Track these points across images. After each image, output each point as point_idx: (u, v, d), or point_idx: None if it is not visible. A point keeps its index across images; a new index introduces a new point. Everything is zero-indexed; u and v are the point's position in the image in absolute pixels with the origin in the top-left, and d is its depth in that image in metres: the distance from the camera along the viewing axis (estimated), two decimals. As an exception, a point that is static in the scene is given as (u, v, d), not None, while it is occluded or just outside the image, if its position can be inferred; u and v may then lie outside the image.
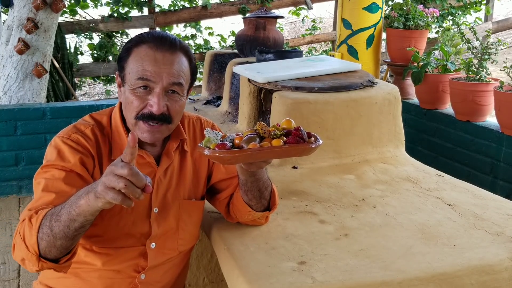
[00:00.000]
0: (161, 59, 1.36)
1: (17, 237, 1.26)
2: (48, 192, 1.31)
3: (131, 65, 1.38)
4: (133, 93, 1.37)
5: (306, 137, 1.30)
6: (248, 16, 3.37)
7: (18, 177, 3.78)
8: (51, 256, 1.24)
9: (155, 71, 1.35)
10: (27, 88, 4.24)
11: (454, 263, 1.43)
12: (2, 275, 2.82)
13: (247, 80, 2.47)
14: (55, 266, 1.26)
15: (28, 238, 1.22)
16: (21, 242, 1.24)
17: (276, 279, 1.33)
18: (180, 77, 1.39)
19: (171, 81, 1.37)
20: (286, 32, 9.60)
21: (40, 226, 1.21)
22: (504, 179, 3.04)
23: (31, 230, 1.22)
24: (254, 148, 1.26)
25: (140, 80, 1.36)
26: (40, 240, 1.21)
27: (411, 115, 3.71)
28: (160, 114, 1.37)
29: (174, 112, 1.40)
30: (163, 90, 1.37)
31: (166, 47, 1.38)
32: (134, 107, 1.37)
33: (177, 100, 1.40)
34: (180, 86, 1.40)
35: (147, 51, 1.37)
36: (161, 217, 1.48)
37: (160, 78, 1.36)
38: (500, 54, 6.95)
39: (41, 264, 1.24)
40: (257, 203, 1.51)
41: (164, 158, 1.49)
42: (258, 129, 1.32)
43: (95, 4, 6.19)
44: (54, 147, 1.39)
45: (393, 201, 1.86)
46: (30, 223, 1.23)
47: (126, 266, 1.46)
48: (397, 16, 3.72)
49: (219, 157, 1.27)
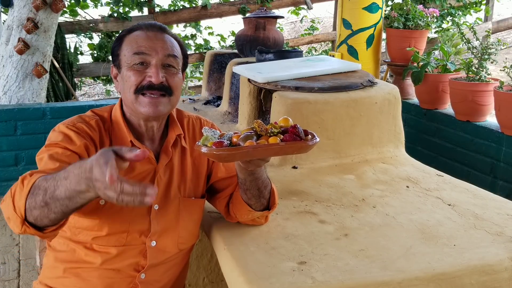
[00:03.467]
0: (153, 36, 1.44)
1: (8, 193, 1.23)
2: (52, 160, 1.30)
3: (124, 48, 1.44)
4: (131, 69, 1.42)
5: (303, 135, 1.31)
6: (248, 16, 3.37)
7: (18, 177, 3.75)
8: (41, 225, 1.20)
9: (149, 45, 1.42)
10: (27, 88, 4.24)
11: (454, 263, 1.43)
12: (2, 275, 2.82)
13: (247, 80, 2.47)
14: (38, 234, 1.22)
15: (17, 199, 1.19)
16: (9, 201, 1.21)
17: (276, 279, 1.33)
18: (174, 50, 1.45)
19: (166, 53, 1.43)
20: (286, 32, 9.60)
21: (32, 192, 1.17)
22: (504, 179, 3.04)
23: (21, 192, 1.19)
24: (251, 146, 1.26)
25: (136, 55, 1.41)
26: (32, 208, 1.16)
27: (411, 115, 3.71)
28: (159, 83, 1.40)
29: (174, 84, 1.44)
30: (159, 62, 1.42)
31: (156, 29, 1.46)
32: (133, 82, 1.41)
33: (174, 73, 1.45)
34: (175, 58, 1.45)
35: (138, 33, 1.45)
36: (161, 214, 1.49)
37: (155, 52, 1.41)
38: (500, 54, 6.95)
39: (24, 228, 1.20)
40: (256, 202, 1.51)
41: (163, 155, 1.51)
42: (255, 127, 1.33)
43: (95, 4, 6.19)
44: (59, 132, 1.40)
45: (393, 201, 1.86)
46: (22, 184, 1.20)
47: (126, 265, 1.46)
48: (397, 16, 3.72)
49: (216, 155, 1.28)
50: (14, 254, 3.03)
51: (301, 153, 1.34)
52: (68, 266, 1.46)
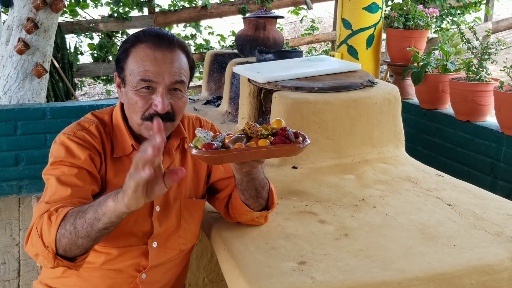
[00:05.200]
0: (161, 58, 1.37)
1: (33, 232, 1.25)
2: (63, 186, 1.31)
3: (131, 66, 1.38)
4: (137, 94, 1.38)
5: (292, 137, 1.30)
6: (248, 16, 3.37)
7: (18, 177, 3.78)
8: (70, 255, 1.24)
9: (156, 71, 1.36)
10: (27, 88, 4.24)
11: (454, 263, 1.43)
12: (2, 275, 2.82)
13: (247, 80, 2.47)
14: (70, 265, 1.26)
15: (46, 235, 1.22)
16: (37, 239, 1.24)
17: (276, 279, 1.33)
18: (181, 75, 1.40)
19: (173, 80, 1.38)
20: (286, 32, 9.60)
21: (62, 224, 1.21)
22: (504, 179, 3.04)
23: (50, 227, 1.21)
24: (239, 148, 1.26)
25: (143, 82, 1.36)
26: (61, 237, 1.20)
27: (411, 115, 3.71)
28: (165, 113, 1.38)
29: (178, 109, 1.42)
30: (166, 89, 1.38)
31: (165, 45, 1.38)
32: (139, 108, 1.38)
33: (180, 97, 1.42)
34: (182, 83, 1.41)
35: (146, 51, 1.37)
36: (163, 216, 1.49)
37: (162, 78, 1.36)
38: (500, 54, 6.95)
39: (56, 262, 1.23)
40: (254, 203, 1.51)
41: (166, 157, 1.50)
42: (246, 129, 1.33)
43: (95, 4, 6.19)
44: (60, 144, 1.39)
45: (393, 201, 1.86)
46: (49, 220, 1.23)
47: (127, 266, 1.46)
48: (397, 16, 3.72)
49: (205, 157, 1.28)
50: (14, 254, 3.03)
51: (291, 155, 1.34)
52: (69, 266, 1.46)
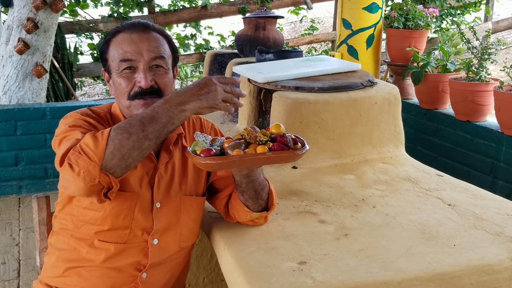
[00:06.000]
0: (138, 39, 1.43)
1: (72, 153, 1.23)
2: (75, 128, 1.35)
3: (111, 53, 1.44)
4: (120, 76, 1.43)
5: (291, 144, 1.30)
6: (248, 16, 3.37)
7: (18, 177, 3.78)
8: (116, 164, 1.23)
9: (134, 50, 1.42)
10: (27, 88, 4.24)
11: (454, 263, 1.43)
12: (2, 275, 2.82)
13: (247, 80, 2.47)
14: (112, 181, 1.25)
15: (93, 148, 1.22)
16: (79, 156, 1.22)
17: (276, 279, 1.33)
18: (160, 51, 1.45)
19: (152, 56, 1.43)
20: (286, 32, 9.60)
21: (111, 133, 1.22)
22: (504, 179, 3.04)
23: (96, 141, 1.22)
24: (237, 156, 1.27)
25: (123, 62, 1.42)
26: (113, 138, 1.22)
27: (411, 115, 3.71)
28: (149, 88, 1.42)
29: (163, 84, 1.45)
30: (146, 65, 1.42)
31: (140, 29, 1.45)
32: (124, 88, 1.43)
33: (163, 73, 1.45)
34: (162, 59, 1.45)
35: (123, 35, 1.44)
36: (163, 212, 1.49)
37: (140, 55, 1.42)
38: (500, 54, 6.95)
39: (102, 176, 1.23)
40: (254, 204, 1.51)
41: (163, 153, 1.51)
42: (244, 135, 1.33)
43: (95, 4, 6.19)
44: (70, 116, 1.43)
45: (393, 201, 1.86)
46: (94, 137, 1.23)
47: (127, 264, 1.46)
48: (397, 16, 3.72)
49: (203, 164, 1.29)
50: (14, 254, 3.03)
51: (290, 162, 1.34)
52: (70, 265, 1.46)
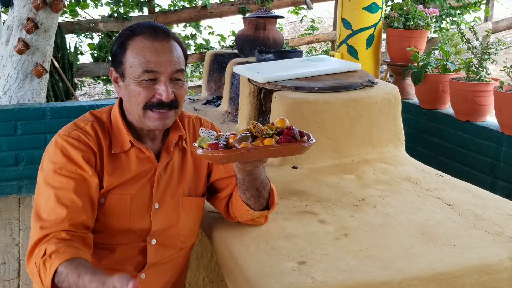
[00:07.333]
0: (161, 49, 1.41)
1: (32, 262, 1.29)
2: (60, 205, 1.34)
3: (131, 58, 1.41)
4: (139, 85, 1.40)
5: (298, 136, 1.31)
6: (248, 16, 3.37)
7: (18, 177, 3.78)
8: None
9: (158, 61, 1.39)
10: (27, 88, 4.24)
11: (454, 263, 1.43)
12: (2, 275, 2.82)
13: (247, 80, 2.47)
14: None
15: (43, 277, 1.26)
16: (36, 273, 1.27)
17: (276, 279, 1.33)
18: (181, 63, 1.45)
19: (174, 69, 1.42)
20: (286, 32, 9.60)
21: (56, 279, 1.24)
22: (504, 179, 3.04)
23: (45, 272, 1.25)
24: (245, 148, 1.26)
25: (146, 73, 1.39)
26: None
27: (411, 115, 3.71)
28: (169, 102, 1.41)
29: (180, 97, 1.46)
30: (168, 78, 1.41)
31: (162, 36, 1.42)
32: (142, 98, 1.41)
33: (181, 85, 1.46)
34: (182, 72, 1.45)
35: (144, 42, 1.40)
36: (161, 213, 1.49)
37: (164, 68, 1.40)
38: (500, 54, 6.95)
39: None
40: (255, 202, 1.51)
41: (164, 154, 1.51)
42: (250, 129, 1.33)
43: (95, 4, 6.19)
44: (56, 146, 1.41)
45: (393, 201, 1.86)
46: (44, 266, 1.25)
47: (126, 265, 1.46)
48: (397, 16, 3.72)
49: (211, 157, 1.29)
50: (14, 254, 3.03)
51: (297, 154, 1.34)
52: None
